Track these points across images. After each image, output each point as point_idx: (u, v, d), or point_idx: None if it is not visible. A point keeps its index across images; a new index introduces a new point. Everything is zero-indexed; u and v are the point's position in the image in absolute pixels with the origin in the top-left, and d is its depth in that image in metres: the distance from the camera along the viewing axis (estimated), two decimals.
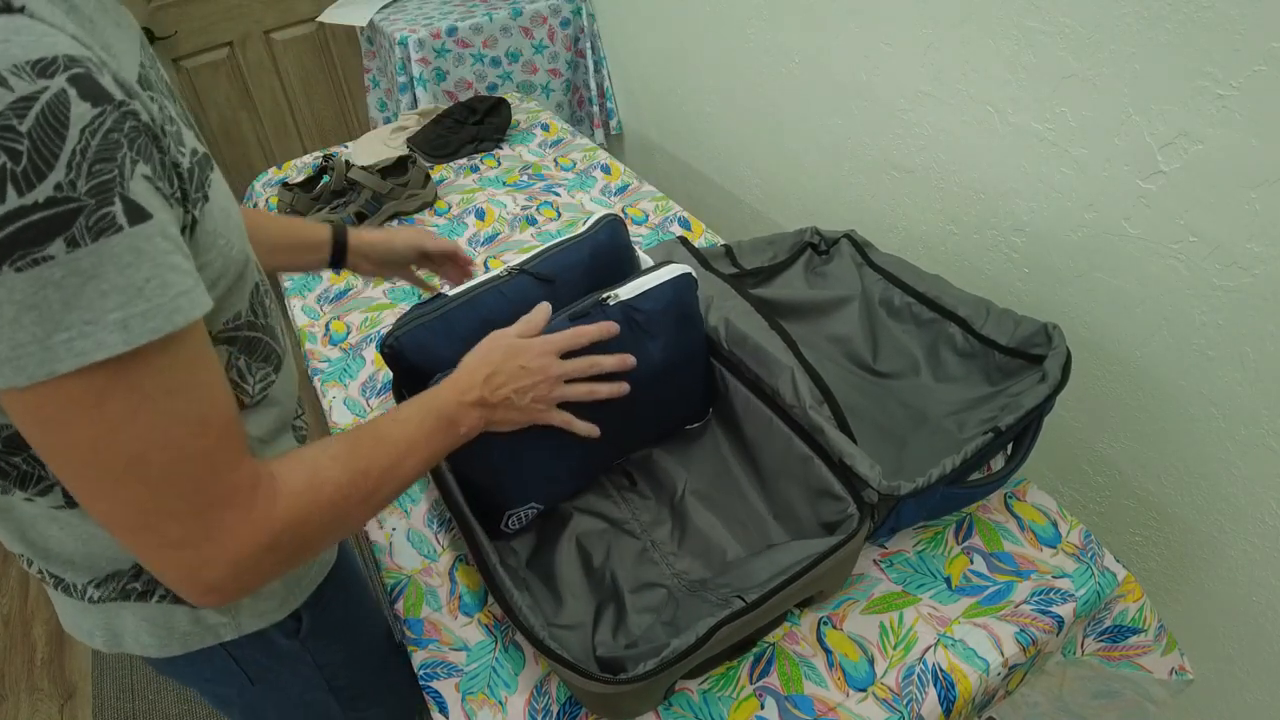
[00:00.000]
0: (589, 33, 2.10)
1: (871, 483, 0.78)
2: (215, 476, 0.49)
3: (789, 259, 1.17)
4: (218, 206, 0.54)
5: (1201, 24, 0.81)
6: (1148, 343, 1.01)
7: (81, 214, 0.40)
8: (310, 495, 0.55)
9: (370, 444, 0.62)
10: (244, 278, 0.59)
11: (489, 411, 0.72)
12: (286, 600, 0.73)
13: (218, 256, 0.53)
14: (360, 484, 0.59)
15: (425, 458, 0.67)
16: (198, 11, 2.23)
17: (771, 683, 0.78)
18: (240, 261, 0.57)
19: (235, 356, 0.60)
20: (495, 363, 0.73)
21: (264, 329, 0.63)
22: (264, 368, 0.64)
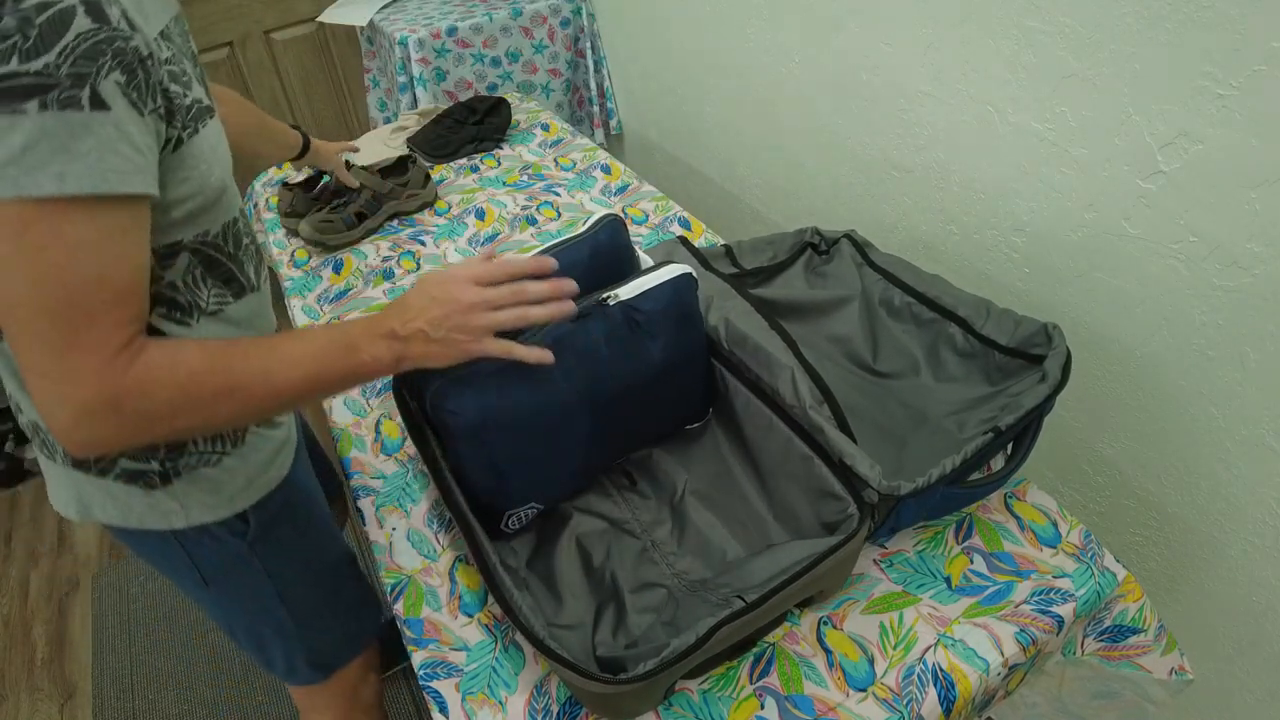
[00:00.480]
0: (589, 33, 2.10)
1: (871, 483, 0.78)
2: (90, 326, 0.57)
3: (789, 259, 1.17)
4: (207, 143, 0.66)
5: (1201, 24, 0.81)
6: (1148, 343, 1.01)
7: (57, 88, 0.53)
8: (163, 371, 0.61)
9: (250, 346, 0.67)
10: (219, 204, 0.70)
11: (402, 345, 0.71)
12: (234, 499, 0.81)
13: (196, 177, 0.65)
14: (221, 378, 0.64)
15: (312, 375, 0.68)
16: (198, 11, 2.22)
17: (771, 683, 0.78)
18: (216, 189, 0.68)
19: (194, 266, 0.70)
20: (408, 295, 0.74)
21: (229, 257, 0.73)
22: (221, 288, 0.73)
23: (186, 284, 0.70)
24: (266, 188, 1.69)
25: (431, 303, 0.72)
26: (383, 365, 0.72)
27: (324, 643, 0.98)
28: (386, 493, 1.00)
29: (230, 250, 0.73)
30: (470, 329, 0.72)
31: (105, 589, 1.88)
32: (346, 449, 1.07)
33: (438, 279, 0.74)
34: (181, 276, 0.69)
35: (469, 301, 0.72)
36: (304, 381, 0.68)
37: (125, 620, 1.81)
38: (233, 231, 0.73)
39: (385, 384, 1.16)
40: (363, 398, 1.15)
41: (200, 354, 0.64)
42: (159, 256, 0.66)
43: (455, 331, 0.72)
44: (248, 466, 0.81)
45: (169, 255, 0.67)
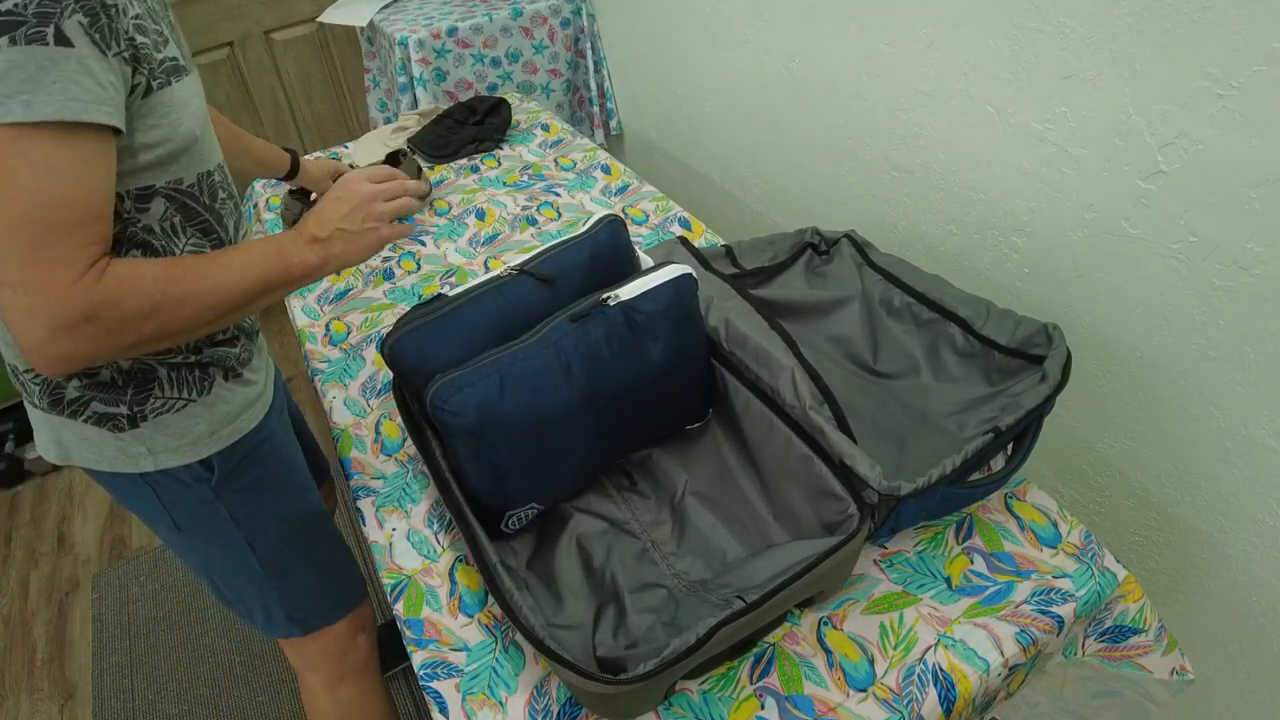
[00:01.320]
0: (589, 33, 2.10)
1: (872, 483, 0.78)
2: (60, 240, 0.62)
3: (789, 259, 1.17)
4: (178, 97, 0.73)
5: (1201, 24, 0.81)
6: (1148, 342, 1.01)
7: (24, 25, 0.58)
8: (129, 282, 0.66)
9: (198, 260, 0.73)
10: (191, 153, 0.76)
11: (324, 246, 0.80)
12: (197, 445, 0.86)
13: (166, 125, 0.71)
14: (180, 285, 0.69)
15: (254, 280, 0.75)
16: (198, 11, 2.22)
17: (772, 683, 0.78)
18: (186, 138, 0.74)
19: (171, 212, 0.76)
20: (320, 204, 0.84)
21: (206, 208, 0.80)
22: (199, 239, 0.80)
23: (164, 229, 0.76)
24: (266, 188, 1.69)
25: (339, 202, 0.82)
26: (310, 267, 0.79)
27: (300, 596, 1.02)
28: (386, 493, 1.00)
29: (206, 201, 0.79)
30: (375, 215, 0.83)
31: (105, 589, 1.88)
32: (346, 449, 1.07)
33: (339, 185, 0.85)
34: (159, 222, 0.75)
35: (369, 192, 0.83)
36: (249, 285, 0.74)
37: (125, 620, 1.81)
38: (208, 183, 0.79)
39: (385, 384, 1.16)
40: (363, 398, 1.15)
41: (158, 265, 0.70)
42: (134, 199, 0.72)
43: (366, 220, 0.82)
44: (213, 415, 0.86)
45: (143, 199, 0.73)
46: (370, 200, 0.83)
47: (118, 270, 0.66)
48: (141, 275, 0.68)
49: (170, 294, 0.69)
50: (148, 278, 0.68)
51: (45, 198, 0.61)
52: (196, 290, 0.71)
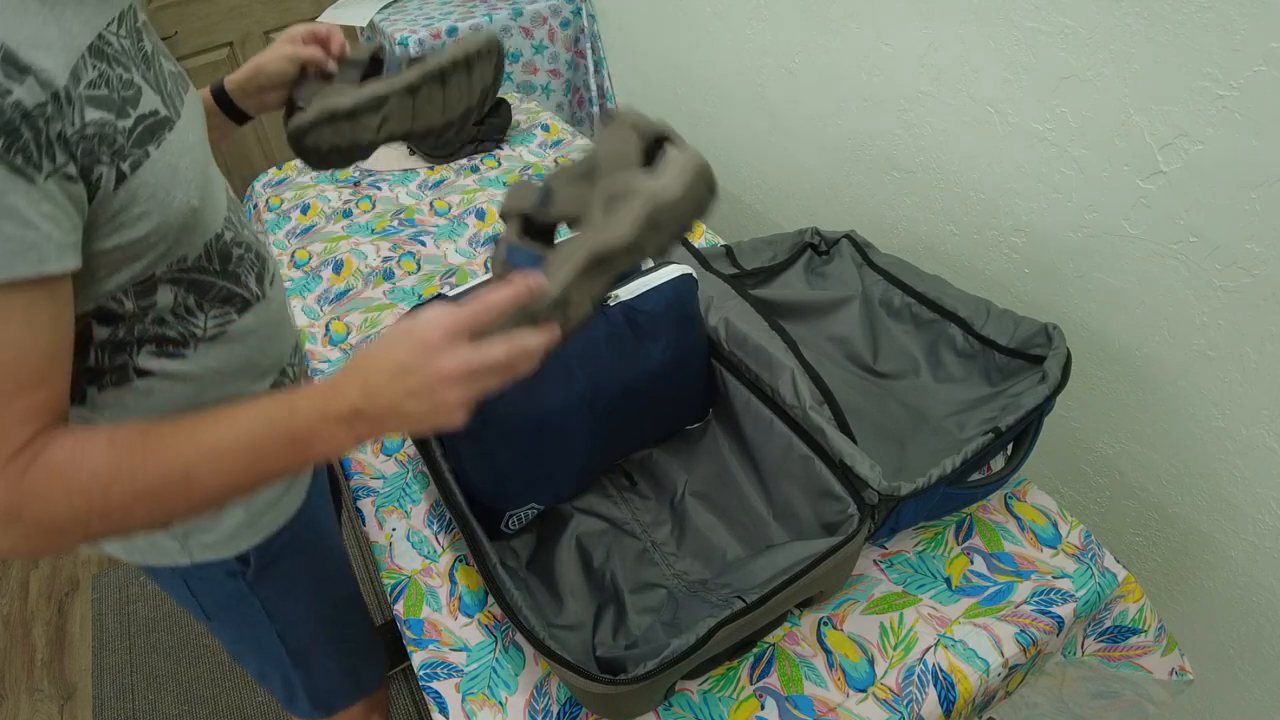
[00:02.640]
0: (589, 33, 2.10)
1: (872, 483, 0.78)
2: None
3: (789, 259, 1.17)
4: (164, 165, 0.59)
5: (1201, 24, 0.81)
6: (1148, 343, 1.01)
7: None
8: (61, 477, 0.52)
9: (171, 435, 0.55)
10: (191, 228, 0.63)
11: (366, 424, 0.57)
12: (235, 538, 0.78)
13: (155, 209, 0.58)
14: (129, 482, 0.53)
15: (245, 470, 0.56)
16: (198, 11, 2.22)
17: (772, 683, 0.78)
18: (182, 214, 0.61)
19: (183, 295, 0.65)
20: (372, 359, 0.57)
21: (220, 274, 0.68)
22: (221, 308, 0.69)
23: (178, 315, 0.65)
24: (266, 188, 1.69)
25: (403, 374, 0.55)
26: (339, 450, 0.58)
27: (325, 682, 0.98)
28: (386, 493, 1.00)
29: (218, 268, 0.68)
30: (450, 405, 0.56)
31: (105, 589, 1.88)
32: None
33: (408, 338, 0.56)
34: (171, 310, 0.64)
35: (451, 372, 0.55)
36: (235, 477, 0.56)
37: (125, 620, 1.81)
38: (218, 248, 0.67)
39: None
40: None
41: (107, 452, 0.53)
42: (135, 296, 0.61)
43: (433, 411, 0.56)
44: (250, 503, 0.78)
45: (146, 292, 0.62)
46: (450, 383, 0.55)
47: (52, 459, 0.52)
48: (80, 467, 0.52)
49: (119, 493, 0.53)
50: (86, 471, 0.52)
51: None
52: (157, 487, 0.54)
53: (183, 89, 0.68)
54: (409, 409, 0.56)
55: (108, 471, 0.53)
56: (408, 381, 0.55)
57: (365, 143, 0.82)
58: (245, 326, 0.71)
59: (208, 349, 0.69)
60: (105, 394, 0.66)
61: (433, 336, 0.56)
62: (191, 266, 0.65)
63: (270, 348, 0.76)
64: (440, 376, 0.55)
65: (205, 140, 0.70)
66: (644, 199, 0.57)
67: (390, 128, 0.81)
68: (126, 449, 0.54)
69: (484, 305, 0.57)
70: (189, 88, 0.70)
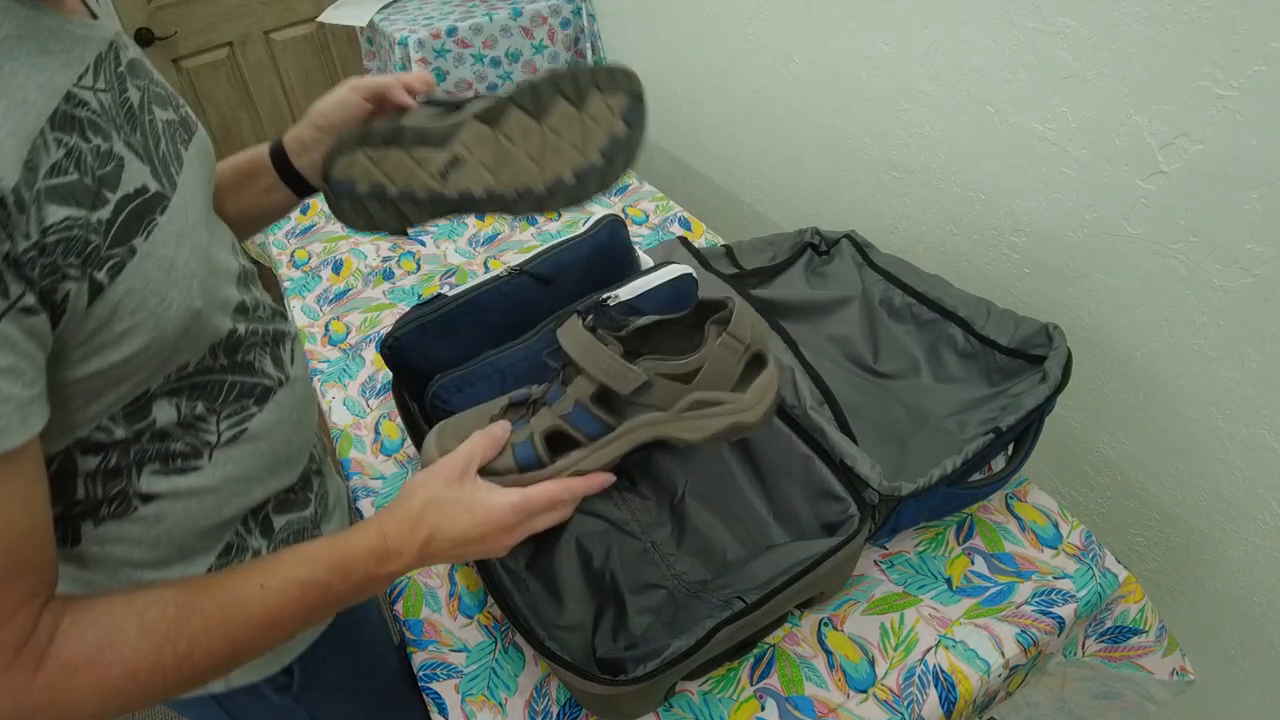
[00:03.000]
0: (589, 33, 2.10)
1: (872, 483, 0.78)
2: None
3: (789, 259, 1.17)
4: (153, 260, 0.47)
5: (1202, 24, 0.81)
6: (1148, 343, 1.01)
7: None
8: (89, 676, 0.44)
9: (208, 615, 0.49)
10: (194, 331, 0.52)
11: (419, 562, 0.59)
12: (278, 654, 0.69)
13: (144, 321, 0.47)
14: (173, 670, 0.47)
15: (292, 633, 0.54)
16: (198, 11, 2.22)
17: (772, 684, 0.78)
18: (181, 320, 0.50)
19: (187, 405, 0.54)
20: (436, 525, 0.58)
21: (232, 369, 0.57)
22: (237, 404, 0.58)
23: (185, 426, 0.55)
24: None
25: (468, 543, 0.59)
26: (384, 585, 0.59)
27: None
28: (386, 494, 1.00)
29: (225, 363, 0.57)
30: (503, 548, 0.61)
31: None
32: (346, 449, 1.07)
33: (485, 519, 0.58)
34: (175, 423, 0.54)
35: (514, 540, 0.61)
36: (286, 638, 0.54)
37: None
38: (227, 345, 0.56)
39: (385, 384, 1.16)
40: (362, 398, 1.15)
41: (142, 643, 0.46)
42: (125, 419, 0.51)
43: (486, 552, 0.61)
44: None
45: (138, 413, 0.51)
46: (510, 532, 0.59)
47: (73, 655, 0.44)
48: (112, 663, 0.45)
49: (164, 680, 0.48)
50: (123, 666, 0.45)
51: None
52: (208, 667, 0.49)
53: (182, 143, 0.57)
54: (464, 551, 0.59)
55: (148, 665, 0.47)
56: (470, 549, 0.59)
57: (423, 193, 0.59)
58: (268, 420, 0.61)
59: (225, 455, 0.58)
60: (105, 528, 0.55)
61: (506, 522, 0.59)
62: (194, 371, 0.54)
63: (297, 434, 0.65)
64: (503, 546, 0.60)
65: (210, 202, 0.59)
66: (727, 417, 0.61)
67: (462, 178, 0.59)
68: (166, 637, 0.47)
69: (544, 499, 0.60)
70: (193, 136, 0.59)
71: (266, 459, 0.61)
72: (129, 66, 0.53)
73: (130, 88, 0.52)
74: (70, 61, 0.47)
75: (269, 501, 0.64)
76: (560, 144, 0.59)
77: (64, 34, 0.47)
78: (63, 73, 0.46)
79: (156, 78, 0.58)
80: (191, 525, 0.58)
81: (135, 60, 0.55)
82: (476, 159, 0.58)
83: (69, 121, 0.44)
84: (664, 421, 0.60)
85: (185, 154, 0.56)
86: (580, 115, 0.59)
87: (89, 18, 0.53)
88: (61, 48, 0.47)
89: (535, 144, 0.58)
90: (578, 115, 0.59)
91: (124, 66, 0.53)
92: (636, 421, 0.60)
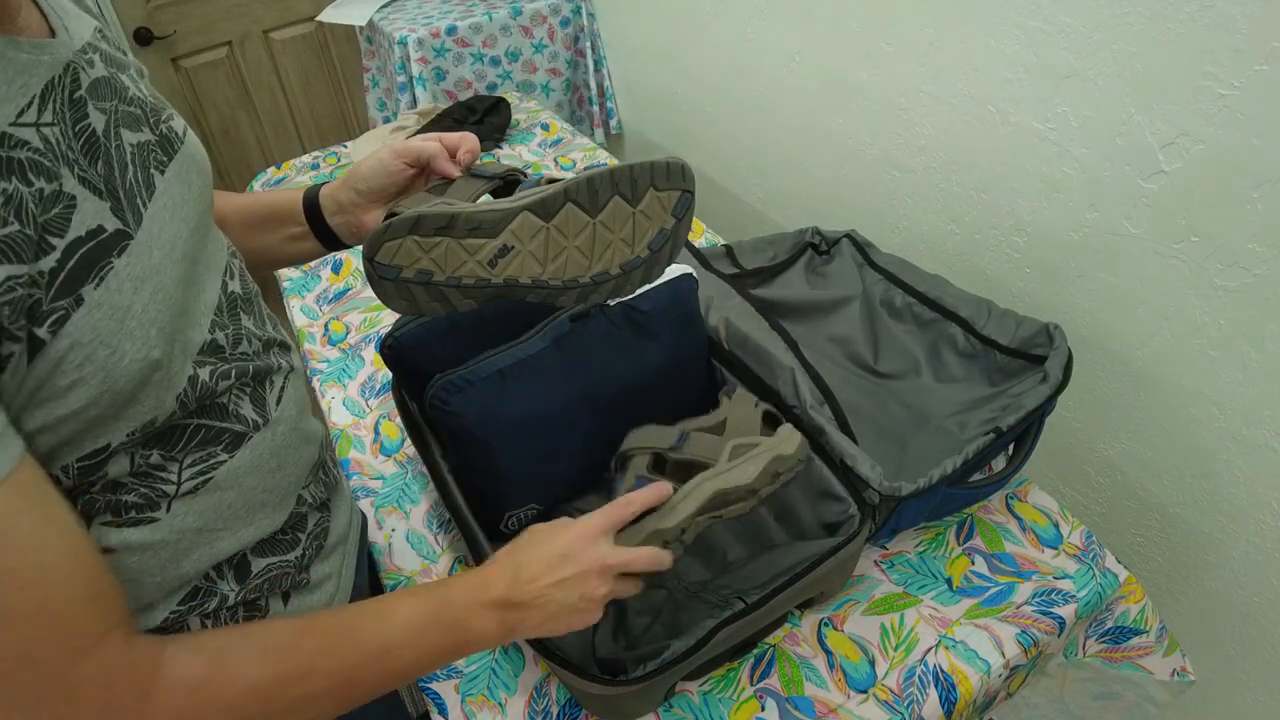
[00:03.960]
0: (589, 32, 2.09)
1: (873, 483, 0.78)
2: (37, 672, 0.40)
3: (789, 259, 1.16)
4: (104, 310, 0.43)
5: (1203, 24, 0.81)
6: (1149, 342, 1.01)
7: None
8: (208, 693, 0.44)
9: (323, 639, 0.50)
10: (154, 385, 0.47)
11: (514, 613, 0.58)
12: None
13: (91, 374, 0.43)
14: (289, 689, 0.47)
15: (408, 665, 0.54)
16: (197, 11, 2.22)
17: (772, 684, 0.77)
18: (138, 369, 0.45)
19: (142, 455, 0.49)
20: (526, 551, 0.61)
21: (205, 412, 0.52)
22: (203, 450, 0.52)
23: (139, 475, 0.49)
24: (266, 189, 1.69)
25: (564, 561, 0.59)
26: (488, 643, 0.59)
27: None
28: (385, 494, 1.00)
29: (198, 408, 0.52)
30: (592, 598, 0.60)
31: None
32: (345, 450, 1.07)
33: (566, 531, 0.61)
34: (128, 474, 0.49)
35: (603, 561, 0.60)
36: (396, 674, 0.54)
37: None
38: (196, 394, 0.51)
39: (384, 384, 1.16)
40: (362, 398, 1.15)
41: (261, 664, 0.47)
42: (79, 473, 0.46)
43: (577, 602, 0.60)
44: None
45: (92, 468, 0.47)
46: (602, 572, 0.60)
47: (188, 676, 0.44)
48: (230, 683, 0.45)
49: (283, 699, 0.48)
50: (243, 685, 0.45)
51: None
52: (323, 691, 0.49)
53: (157, 166, 0.51)
54: (555, 598, 0.58)
55: (266, 682, 0.47)
56: (563, 570, 0.58)
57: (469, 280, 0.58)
58: (238, 467, 0.55)
59: (185, 506, 0.52)
60: None
61: (590, 529, 0.61)
62: (161, 426, 0.49)
63: (277, 480, 0.59)
64: (595, 565, 0.59)
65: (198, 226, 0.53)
66: (768, 452, 0.67)
67: (510, 267, 0.58)
68: (283, 655, 0.48)
69: (622, 503, 0.63)
70: (174, 155, 0.54)
71: (235, 509, 0.56)
72: (92, 88, 0.48)
73: (91, 113, 0.47)
74: (10, 95, 0.42)
75: (243, 550, 0.58)
76: (610, 238, 0.60)
77: (3, 63, 0.42)
78: (19, 95, 0.42)
79: (131, 94, 0.52)
80: (148, 579, 0.52)
81: (102, 79, 0.49)
82: (526, 249, 0.58)
83: (6, 165, 0.40)
84: (716, 474, 0.66)
85: (160, 179, 0.51)
86: (633, 211, 0.60)
87: (46, 34, 0.47)
88: (19, 66, 0.43)
89: (586, 238, 0.59)
90: (630, 211, 0.60)
91: (84, 90, 0.47)
92: (694, 481, 0.66)
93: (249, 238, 0.72)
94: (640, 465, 0.72)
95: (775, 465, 0.67)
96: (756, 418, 0.72)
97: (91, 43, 0.51)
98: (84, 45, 0.49)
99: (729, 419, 0.72)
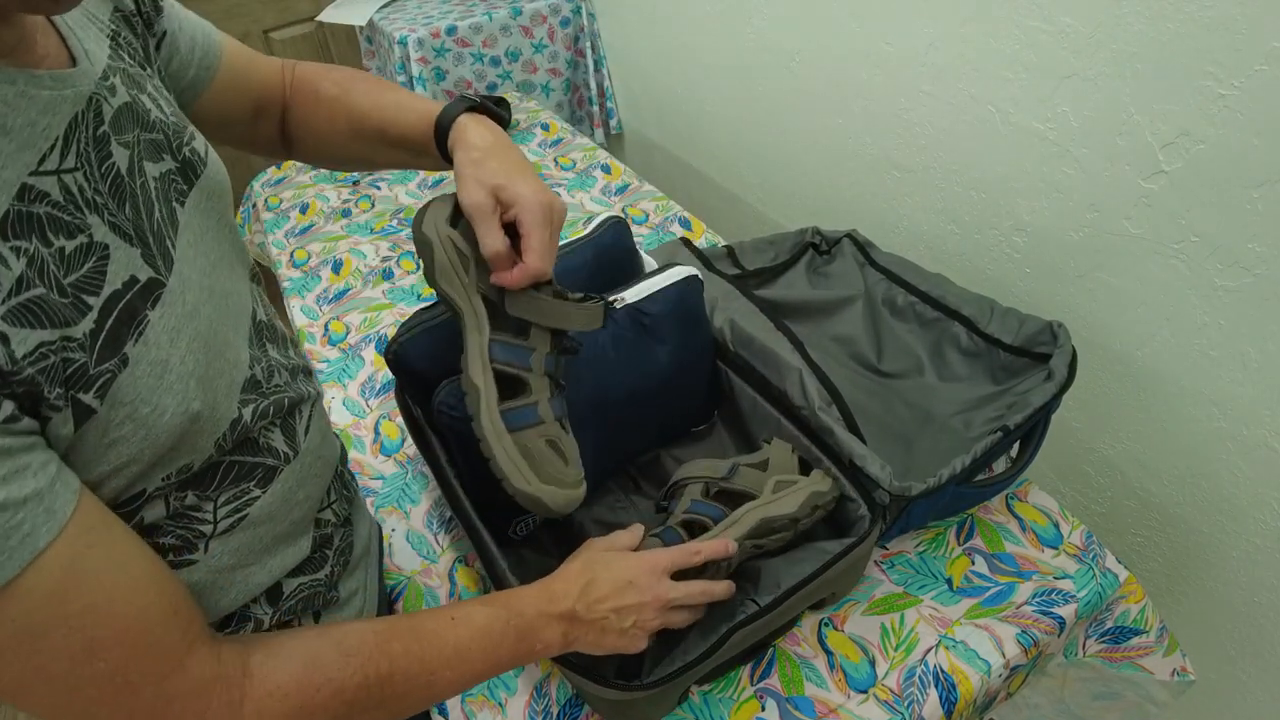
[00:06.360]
0: (589, 32, 2.09)
1: (883, 484, 0.78)
2: (134, 694, 0.41)
3: (791, 259, 1.16)
4: (145, 366, 0.42)
5: (1203, 23, 0.81)
6: (1149, 342, 1.01)
7: None
8: (299, 698, 0.46)
9: (405, 641, 0.51)
10: (192, 434, 0.46)
11: (576, 628, 0.61)
12: None
13: (132, 432, 0.42)
14: (375, 690, 0.49)
15: (479, 670, 0.56)
16: (197, 11, 2.22)
17: (772, 684, 0.77)
18: (179, 423, 0.44)
19: (177, 499, 0.48)
20: (596, 571, 0.64)
21: (240, 449, 0.52)
22: (237, 487, 0.52)
23: (176, 518, 0.49)
24: (265, 188, 1.69)
25: (629, 589, 0.63)
26: (550, 652, 0.61)
27: None
28: (385, 494, 1.00)
29: (231, 447, 0.51)
30: (644, 629, 0.64)
31: None
32: (345, 449, 1.07)
33: (631, 561, 0.65)
34: (165, 517, 0.48)
35: (664, 597, 0.64)
36: (471, 677, 0.56)
37: None
38: (233, 437, 0.50)
39: (384, 384, 1.16)
40: (362, 398, 1.15)
41: (341, 662, 0.48)
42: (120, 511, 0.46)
43: (639, 627, 0.63)
44: None
45: (129, 515, 0.45)
46: (661, 606, 0.64)
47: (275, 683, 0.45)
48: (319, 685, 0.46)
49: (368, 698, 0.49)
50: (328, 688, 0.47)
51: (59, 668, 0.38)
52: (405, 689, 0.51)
53: (178, 199, 0.49)
54: (612, 625, 0.62)
55: (354, 684, 0.48)
56: (627, 597, 0.62)
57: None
58: (271, 501, 0.55)
59: (222, 545, 0.52)
60: None
61: (658, 564, 0.65)
62: (198, 470, 0.48)
63: (305, 510, 0.60)
64: (655, 599, 0.63)
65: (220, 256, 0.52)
66: (808, 487, 0.78)
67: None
68: (368, 658, 0.49)
69: (690, 550, 0.68)
70: (195, 182, 0.52)
71: (265, 542, 0.56)
72: (114, 121, 0.44)
73: (115, 150, 0.44)
74: (32, 139, 0.38)
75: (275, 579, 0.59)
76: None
77: (24, 103, 0.38)
78: (17, 159, 0.38)
79: (153, 118, 0.49)
80: None
81: (124, 107, 0.46)
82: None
83: (26, 223, 0.37)
84: (764, 504, 0.76)
85: (182, 213, 0.49)
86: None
87: (66, 63, 0.43)
88: (22, 122, 0.38)
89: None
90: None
91: (106, 125, 0.44)
92: (742, 509, 0.76)
93: (354, 147, 0.72)
94: (695, 491, 0.80)
95: (814, 499, 0.77)
96: (794, 461, 0.83)
97: (111, 64, 0.47)
98: (104, 69, 0.46)
99: (771, 459, 0.83)
